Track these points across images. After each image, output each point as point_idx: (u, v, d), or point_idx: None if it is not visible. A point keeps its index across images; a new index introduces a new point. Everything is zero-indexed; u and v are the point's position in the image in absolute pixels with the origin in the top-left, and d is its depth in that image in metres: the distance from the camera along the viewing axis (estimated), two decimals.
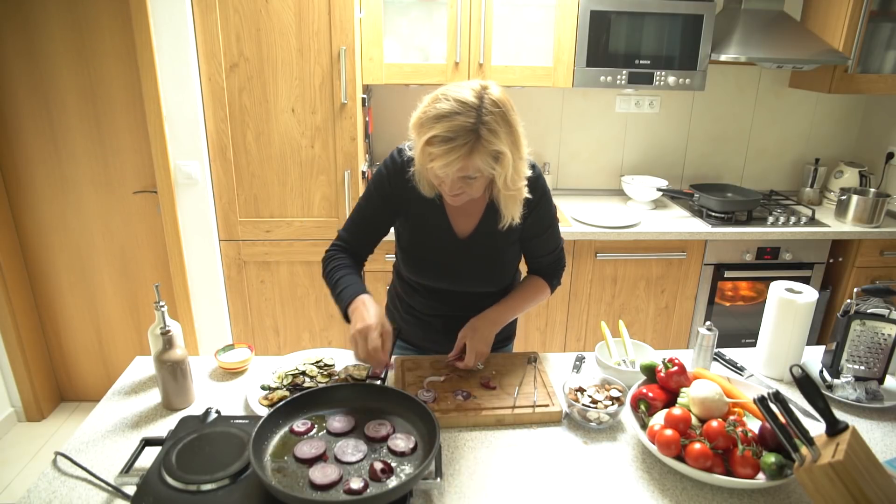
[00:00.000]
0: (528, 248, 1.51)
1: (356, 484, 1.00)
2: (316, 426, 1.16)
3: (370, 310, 1.29)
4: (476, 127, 1.16)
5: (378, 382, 1.27)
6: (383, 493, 0.97)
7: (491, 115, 1.18)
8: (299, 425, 1.15)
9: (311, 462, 1.06)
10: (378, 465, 1.04)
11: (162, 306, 1.29)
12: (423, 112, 1.22)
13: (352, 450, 1.09)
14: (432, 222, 1.44)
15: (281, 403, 1.17)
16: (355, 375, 1.36)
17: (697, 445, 1.10)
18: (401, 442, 1.11)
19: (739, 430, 1.11)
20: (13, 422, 2.77)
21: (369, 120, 2.69)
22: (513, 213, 1.35)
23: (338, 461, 1.07)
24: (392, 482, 1.02)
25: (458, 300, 1.51)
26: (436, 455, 1.07)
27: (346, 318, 1.36)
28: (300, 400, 1.19)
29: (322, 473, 1.02)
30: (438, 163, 1.19)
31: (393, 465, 1.06)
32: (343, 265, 1.43)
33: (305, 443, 1.10)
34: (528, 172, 1.33)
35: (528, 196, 1.35)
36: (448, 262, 1.47)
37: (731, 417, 1.16)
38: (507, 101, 1.22)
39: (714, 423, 1.12)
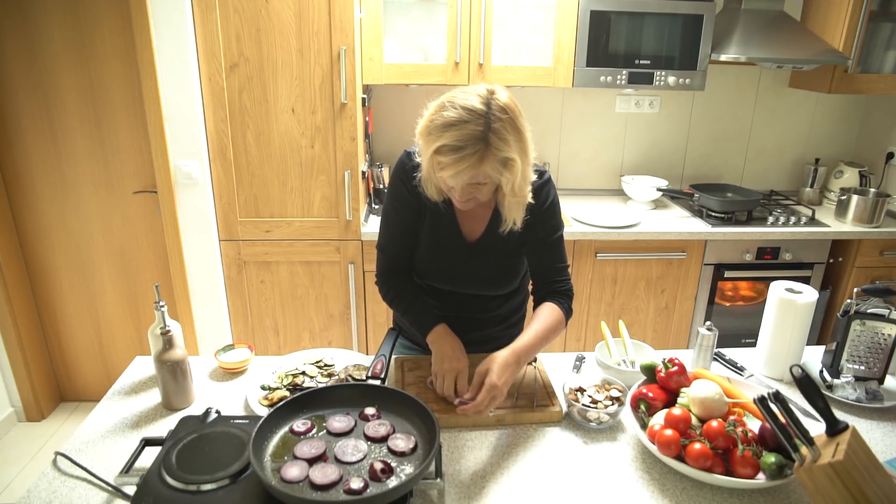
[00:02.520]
0: (533, 257, 1.47)
1: (356, 484, 1.00)
2: (316, 426, 1.16)
3: (453, 345, 1.35)
4: (485, 135, 1.16)
5: (378, 382, 1.27)
6: (383, 493, 0.97)
7: (500, 122, 1.16)
8: (299, 425, 1.15)
9: (311, 462, 1.06)
10: (378, 465, 1.04)
11: (162, 306, 1.29)
12: (429, 120, 1.20)
13: (352, 450, 1.09)
14: (443, 226, 1.43)
15: (281, 403, 1.17)
16: (355, 375, 1.37)
17: (697, 445, 1.10)
18: (401, 442, 1.11)
19: (739, 430, 1.11)
20: (13, 422, 2.77)
21: (369, 120, 2.69)
22: (515, 217, 1.33)
23: (338, 461, 1.07)
24: (392, 482, 1.02)
25: (464, 302, 1.51)
26: (436, 455, 1.07)
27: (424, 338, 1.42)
28: (300, 400, 1.19)
29: (322, 473, 1.02)
30: (448, 172, 1.19)
31: (393, 465, 1.06)
32: (402, 291, 1.48)
33: (305, 443, 1.10)
34: (534, 177, 1.32)
35: (531, 201, 1.34)
36: (456, 266, 1.46)
37: (731, 417, 1.16)
38: (514, 106, 1.20)
39: (714, 423, 1.12)
